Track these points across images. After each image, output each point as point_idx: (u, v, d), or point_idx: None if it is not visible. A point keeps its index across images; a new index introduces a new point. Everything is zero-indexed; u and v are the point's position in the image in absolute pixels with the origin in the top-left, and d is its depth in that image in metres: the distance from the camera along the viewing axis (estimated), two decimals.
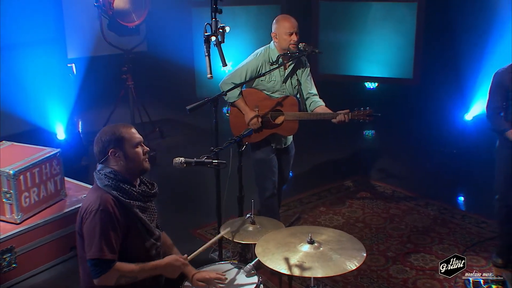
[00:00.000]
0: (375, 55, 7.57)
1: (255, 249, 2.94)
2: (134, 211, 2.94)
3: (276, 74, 4.66)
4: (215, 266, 3.22)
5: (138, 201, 2.99)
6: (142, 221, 2.98)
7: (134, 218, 2.95)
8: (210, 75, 3.47)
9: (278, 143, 4.81)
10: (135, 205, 2.95)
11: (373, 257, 4.87)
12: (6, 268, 4.47)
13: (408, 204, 5.90)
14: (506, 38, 6.12)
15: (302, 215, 5.65)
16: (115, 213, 2.86)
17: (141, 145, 3.05)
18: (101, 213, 2.82)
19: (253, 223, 3.32)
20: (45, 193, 4.89)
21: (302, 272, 2.71)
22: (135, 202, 2.96)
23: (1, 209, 4.65)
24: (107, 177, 2.94)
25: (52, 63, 7.37)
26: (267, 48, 4.69)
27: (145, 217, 3.01)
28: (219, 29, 3.30)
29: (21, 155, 4.86)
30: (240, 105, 4.66)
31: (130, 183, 2.99)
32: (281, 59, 4.62)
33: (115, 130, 3.00)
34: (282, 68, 4.66)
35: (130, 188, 2.96)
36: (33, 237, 4.64)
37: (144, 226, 2.99)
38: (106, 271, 2.82)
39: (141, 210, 3.00)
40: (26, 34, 7.01)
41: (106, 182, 2.93)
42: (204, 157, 3.31)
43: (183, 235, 5.32)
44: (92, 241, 2.81)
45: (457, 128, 7.15)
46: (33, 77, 6.84)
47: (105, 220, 2.82)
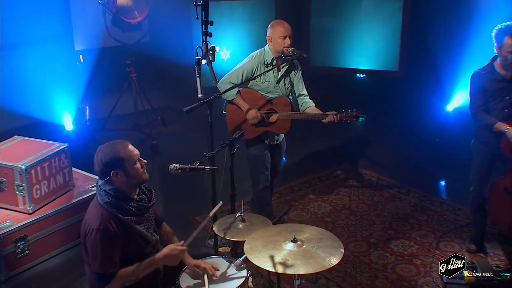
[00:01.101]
0: (364, 48, 7.65)
1: (243, 246, 3.10)
2: (132, 226, 3.07)
3: (270, 75, 4.78)
4: (208, 260, 3.38)
5: (135, 216, 3.11)
6: (140, 233, 3.11)
7: (132, 232, 3.08)
8: (201, 95, 3.59)
9: (271, 139, 4.95)
10: (132, 221, 3.08)
11: (356, 243, 5.03)
12: (20, 255, 4.65)
13: (391, 192, 6.04)
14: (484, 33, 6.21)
15: (293, 203, 5.81)
16: (115, 230, 2.99)
17: (139, 159, 3.15)
18: (102, 232, 2.96)
19: (243, 221, 3.47)
20: (54, 185, 5.03)
21: (285, 270, 2.86)
22: (132, 217, 3.08)
23: (15, 200, 4.80)
24: (108, 194, 3.05)
25: (60, 56, 7.44)
26: (262, 51, 4.80)
27: (142, 227, 3.14)
28: (210, 50, 3.41)
29: (32, 150, 4.99)
30: (238, 102, 4.79)
31: (129, 198, 3.10)
32: (276, 61, 4.74)
33: (114, 151, 3.05)
34: (276, 70, 4.78)
35: (128, 205, 3.07)
36: (44, 226, 4.80)
37: (141, 237, 3.13)
38: (109, 282, 2.99)
39: (138, 223, 3.12)
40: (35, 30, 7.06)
41: (106, 199, 3.04)
42: (197, 163, 3.43)
43: (183, 222, 5.48)
44: (95, 258, 2.97)
45: (439, 119, 7.26)
46: (43, 71, 6.90)
47: (105, 238, 2.96)
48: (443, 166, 6.66)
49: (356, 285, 4.42)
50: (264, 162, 4.93)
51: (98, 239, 2.97)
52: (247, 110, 4.73)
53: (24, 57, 6.89)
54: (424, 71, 7.02)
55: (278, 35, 4.66)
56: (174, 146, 7.44)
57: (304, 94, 4.94)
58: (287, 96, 4.86)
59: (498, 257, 4.73)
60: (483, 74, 4.40)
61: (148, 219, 3.23)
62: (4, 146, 5.11)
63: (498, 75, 4.34)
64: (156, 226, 3.37)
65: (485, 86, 4.38)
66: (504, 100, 4.36)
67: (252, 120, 4.73)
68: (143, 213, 3.18)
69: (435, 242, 5.00)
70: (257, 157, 4.91)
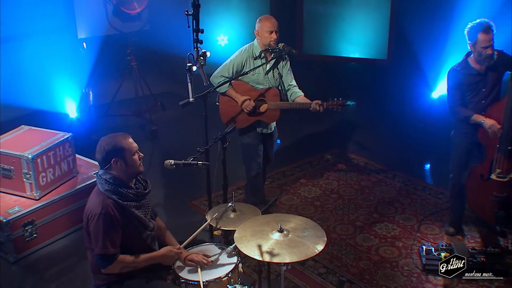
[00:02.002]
0: (354, 37, 7.73)
1: (234, 235, 3.26)
2: (131, 211, 3.24)
3: (259, 67, 4.90)
4: (202, 247, 3.54)
5: (134, 201, 3.27)
6: (138, 217, 3.28)
7: (131, 216, 3.24)
8: (192, 99, 3.71)
9: (264, 127, 5.08)
10: (131, 205, 3.24)
11: (343, 226, 5.19)
12: (28, 238, 4.81)
13: (378, 176, 6.18)
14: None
15: (285, 187, 5.95)
16: (115, 214, 3.16)
17: (138, 152, 3.31)
18: (103, 216, 3.12)
19: (234, 210, 3.62)
20: (59, 172, 5.18)
21: (271, 258, 3.02)
22: (131, 203, 3.25)
23: (22, 187, 4.94)
24: (108, 183, 3.21)
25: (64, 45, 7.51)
26: (251, 45, 4.92)
27: (140, 213, 3.30)
28: (201, 56, 3.53)
29: (38, 140, 5.12)
30: (231, 94, 4.92)
31: (127, 186, 3.27)
32: (264, 54, 4.86)
33: (116, 141, 3.24)
34: (264, 62, 4.90)
35: (127, 191, 3.24)
36: (50, 211, 4.95)
37: (140, 222, 3.29)
38: (110, 263, 3.16)
39: (136, 208, 3.28)
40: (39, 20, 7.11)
41: (106, 187, 3.21)
42: (190, 159, 3.57)
43: (181, 206, 5.65)
44: (97, 240, 3.13)
45: (424, 105, 7.36)
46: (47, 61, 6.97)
47: (107, 222, 3.13)
48: (427, 151, 6.77)
49: (341, 266, 4.58)
50: (257, 150, 5.08)
51: (100, 222, 3.13)
52: (242, 100, 4.85)
53: (26, 47, 6.95)
54: (411, 60, 7.09)
55: (265, 29, 4.79)
56: (173, 131, 7.56)
57: (293, 84, 5.06)
58: (277, 87, 4.98)
59: (474, 239, 4.90)
60: (459, 70, 4.52)
61: (145, 205, 3.40)
62: (12, 136, 5.24)
63: (473, 70, 4.47)
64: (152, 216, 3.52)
65: (461, 81, 4.50)
66: (481, 93, 4.50)
67: (246, 108, 4.86)
68: (141, 199, 3.35)
69: (416, 225, 5.16)
70: (250, 145, 5.05)
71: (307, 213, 5.39)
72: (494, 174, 4.42)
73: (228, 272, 3.27)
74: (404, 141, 7.09)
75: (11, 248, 4.71)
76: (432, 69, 6.91)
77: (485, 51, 4.32)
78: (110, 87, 7.85)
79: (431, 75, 7.01)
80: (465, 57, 4.54)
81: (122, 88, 7.65)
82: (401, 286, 4.32)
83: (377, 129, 7.57)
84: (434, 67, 6.84)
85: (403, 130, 7.32)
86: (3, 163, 4.95)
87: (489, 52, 4.32)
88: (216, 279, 3.22)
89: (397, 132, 7.33)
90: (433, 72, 6.96)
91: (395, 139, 7.19)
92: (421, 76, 7.12)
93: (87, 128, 6.98)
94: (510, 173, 4.37)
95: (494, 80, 4.47)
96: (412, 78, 7.17)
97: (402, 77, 7.26)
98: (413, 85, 7.26)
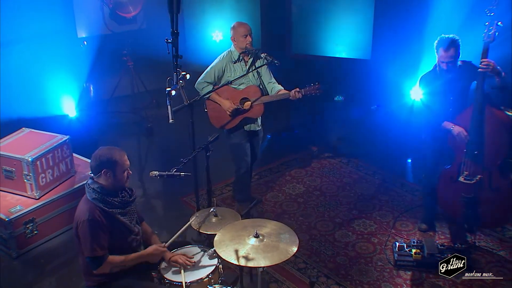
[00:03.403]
0: (340, 38, 7.79)
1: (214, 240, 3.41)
2: (116, 217, 3.39)
3: (238, 69, 5.07)
4: (186, 249, 3.70)
5: (119, 208, 3.42)
6: (123, 223, 3.43)
7: (116, 222, 3.40)
8: (172, 120, 3.83)
9: (252, 124, 5.21)
10: (116, 212, 3.40)
11: (324, 223, 5.33)
12: (29, 235, 4.97)
13: (359, 173, 6.31)
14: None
15: (271, 184, 6.09)
16: (101, 220, 3.31)
17: (128, 170, 3.46)
18: (90, 222, 3.28)
19: (216, 215, 3.77)
20: (58, 173, 5.32)
21: (247, 263, 3.18)
22: (116, 210, 3.40)
23: (23, 187, 5.09)
24: (95, 191, 3.37)
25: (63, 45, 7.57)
26: (229, 51, 5.11)
27: (125, 219, 3.45)
28: (180, 79, 3.65)
29: (38, 142, 5.26)
30: (215, 98, 5.07)
31: (113, 194, 3.41)
32: (241, 57, 5.03)
33: (112, 154, 3.38)
34: (243, 64, 5.05)
35: (112, 199, 3.39)
36: (50, 209, 5.11)
37: (125, 227, 3.45)
38: (100, 264, 3.32)
39: (122, 215, 3.43)
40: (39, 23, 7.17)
41: (94, 195, 3.36)
42: (174, 170, 3.71)
43: (173, 202, 5.80)
44: (86, 243, 3.29)
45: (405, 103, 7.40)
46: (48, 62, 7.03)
47: (94, 227, 3.28)
48: (408, 148, 6.77)
49: (319, 262, 4.73)
50: (245, 149, 5.23)
51: (87, 227, 3.29)
52: (224, 104, 5.02)
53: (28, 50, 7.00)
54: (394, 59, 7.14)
55: (240, 34, 4.97)
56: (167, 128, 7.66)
57: (273, 81, 5.20)
58: (258, 85, 5.11)
59: (444, 235, 5.05)
60: (429, 77, 4.67)
61: (131, 212, 3.55)
62: (13, 138, 5.37)
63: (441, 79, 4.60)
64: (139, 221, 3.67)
65: (431, 88, 4.64)
66: (449, 100, 4.63)
67: (229, 109, 5.00)
68: (126, 206, 3.50)
69: (392, 221, 5.30)
70: (238, 144, 5.20)
71: (290, 210, 5.54)
72: (462, 177, 4.55)
73: (208, 273, 3.43)
74: (386, 138, 7.04)
75: (14, 244, 4.87)
76: (411, 68, 6.94)
77: (442, 65, 4.47)
78: (108, 85, 7.97)
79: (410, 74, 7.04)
80: (434, 66, 4.67)
81: (120, 86, 7.77)
82: (373, 280, 4.48)
83: (362, 126, 7.51)
84: (413, 66, 6.89)
85: (386, 127, 7.27)
86: (5, 165, 5.09)
87: (443, 67, 4.46)
88: (198, 280, 3.39)
89: (380, 129, 7.21)
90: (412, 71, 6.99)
91: (378, 136, 7.13)
92: (403, 75, 7.16)
93: (87, 127, 7.09)
94: (477, 175, 4.51)
95: (461, 89, 4.60)
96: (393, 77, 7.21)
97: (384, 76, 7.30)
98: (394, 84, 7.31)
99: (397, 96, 7.26)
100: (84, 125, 7.08)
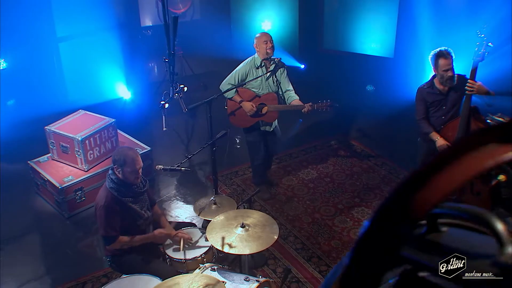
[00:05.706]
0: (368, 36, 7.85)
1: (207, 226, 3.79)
2: (128, 205, 3.80)
3: (260, 75, 5.30)
4: (188, 230, 4.12)
5: (131, 197, 3.83)
6: (134, 209, 3.84)
7: (128, 209, 3.81)
8: (165, 128, 4.14)
9: (267, 126, 5.49)
10: (128, 200, 3.81)
11: (327, 208, 5.58)
12: (78, 200, 5.57)
13: (369, 163, 6.45)
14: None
15: (288, 168, 6.36)
16: (115, 206, 3.73)
17: (139, 170, 3.79)
18: (106, 207, 3.71)
19: (215, 203, 4.15)
20: (104, 150, 5.84)
21: (229, 250, 3.52)
22: (128, 198, 3.82)
23: (75, 160, 5.66)
24: (112, 181, 3.78)
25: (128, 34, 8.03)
26: (253, 57, 5.31)
27: (137, 206, 3.85)
28: (176, 92, 3.97)
29: (88, 124, 5.77)
30: (236, 99, 5.36)
31: (125, 186, 3.81)
32: (264, 63, 5.25)
33: (125, 154, 3.75)
34: (264, 70, 5.30)
35: (126, 189, 3.80)
36: (96, 180, 5.64)
37: (136, 213, 3.86)
38: (113, 242, 3.78)
39: (133, 202, 3.84)
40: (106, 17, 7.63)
41: (111, 185, 3.78)
42: (177, 165, 4.10)
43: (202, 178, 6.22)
44: (101, 224, 3.75)
45: None
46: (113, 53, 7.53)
47: (108, 211, 3.71)
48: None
49: (315, 244, 5.02)
50: (259, 146, 5.51)
51: (103, 212, 3.72)
52: (246, 105, 5.28)
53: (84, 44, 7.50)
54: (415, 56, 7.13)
55: (261, 41, 5.18)
56: None
57: (290, 89, 5.40)
58: (276, 92, 5.37)
59: None
60: (425, 89, 4.77)
61: (142, 200, 3.94)
62: (70, 119, 5.92)
63: (436, 89, 4.70)
64: (150, 206, 4.10)
65: (425, 98, 4.75)
66: (442, 109, 4.73)
67: (249, 111, 5.30)
68: (138, 195, 3.90)
69: None
70: (253, 142, 5.52)
71: (300, 194, 5.83)
72: None
73: (202, 253, 3.85)
74: (400, 131, 7.02)
75: (66, 207, 5.48)
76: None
77: (446, 74, 4.54)
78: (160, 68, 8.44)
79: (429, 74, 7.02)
80: (432, 78, 4.76)
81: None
82: None
83: (380, 117, 7.50)
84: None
85: (401, 120, 7.27)
86: (62, 142, 5.68)
87: (449, 75, 4.55)
88: (192, 258, 3.82)
89: (395, 122, 7.21)
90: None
91: (393, 129, 7.14)
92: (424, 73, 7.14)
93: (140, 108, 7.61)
94: None
95: (454, 100, 4.68)
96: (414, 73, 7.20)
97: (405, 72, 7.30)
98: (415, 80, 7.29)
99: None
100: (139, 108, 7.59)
